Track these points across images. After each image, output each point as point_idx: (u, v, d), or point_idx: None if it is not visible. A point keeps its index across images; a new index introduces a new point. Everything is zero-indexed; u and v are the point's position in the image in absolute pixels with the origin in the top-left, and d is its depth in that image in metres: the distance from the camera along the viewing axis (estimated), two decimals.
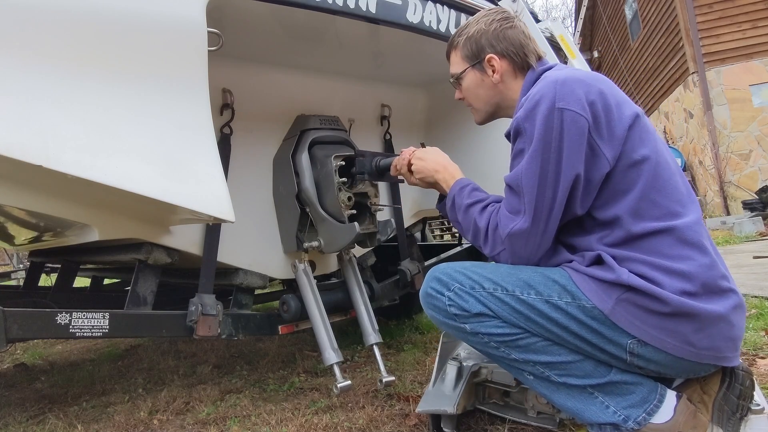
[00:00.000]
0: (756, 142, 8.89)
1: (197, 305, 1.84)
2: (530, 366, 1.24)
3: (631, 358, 1.17)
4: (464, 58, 1.43)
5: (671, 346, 1.13)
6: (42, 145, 1.18)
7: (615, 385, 1.19)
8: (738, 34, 9.01)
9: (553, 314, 1.18)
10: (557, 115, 1.16)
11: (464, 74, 1.44)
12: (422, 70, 2.49)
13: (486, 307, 1.23)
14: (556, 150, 1.16)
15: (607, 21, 13.18)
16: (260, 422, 1.86)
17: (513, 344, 1.23)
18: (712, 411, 1.19)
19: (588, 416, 1.20)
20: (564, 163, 1.16)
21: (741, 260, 4.43)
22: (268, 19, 1.76)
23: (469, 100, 1.49)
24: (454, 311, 1.27)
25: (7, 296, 3.02)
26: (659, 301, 1.13)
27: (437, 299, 1.30)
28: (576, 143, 1.16)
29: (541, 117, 1.18)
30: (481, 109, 1.48)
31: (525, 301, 1.21)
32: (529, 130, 1.20)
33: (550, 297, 1.20)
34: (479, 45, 1.40)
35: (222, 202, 1.41)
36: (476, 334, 1.26)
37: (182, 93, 1.39)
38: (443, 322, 1.32)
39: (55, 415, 2.21)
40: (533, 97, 1.21)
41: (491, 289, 1.24)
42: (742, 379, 1.21)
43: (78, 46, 1.26)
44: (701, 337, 1.14)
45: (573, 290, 1.18)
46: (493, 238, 1.28)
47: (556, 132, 1.16)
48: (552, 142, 1.17)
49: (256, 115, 2.10)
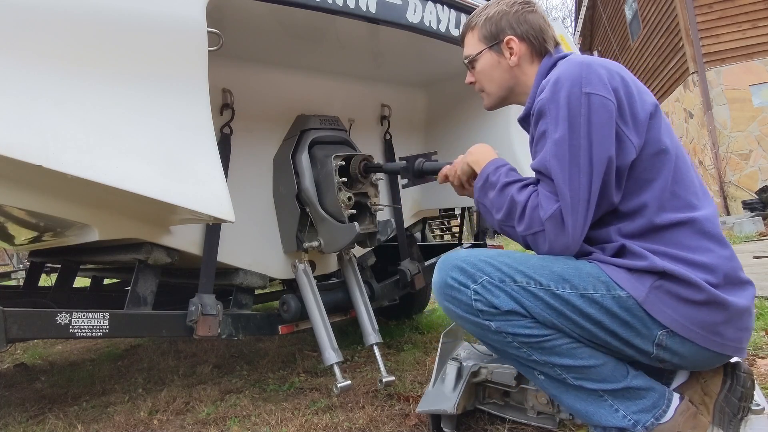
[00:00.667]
0: (756, 142, 8.89)
1: (197, 305, 1.84)
2: (548, 367, 1.20)
3: (657, 350, 1.15)
4: (482, 39, 1.40)
5: (699, 337, 1.13)
6: (42, 145, 1.18)
7: (628, 390, 1.18)
8: (738, 34, 9.01)
9: (588, 309, 1.14)
10: (584, 101, 1.13)
11: (480, 55, 1.40)
12: (422, 70, 2.49)
13: (518, 304, 1.16)
14: (586, 135, 1.12)
15: (607, 21, 13.17)
16: (260, 422, 1.86)
17: (538, 345, 1.18)
18: (713, 412, 1.18)
19: (597, 419, 1.19)
20: (595, 147, 1.12)
21: (741, 260, 4.40)
22: (268, 19, 1.76)
23: (482, 83, 1.44)
24: (480, 307, 1.17)
25: (7, 296, 3.02)
26: (694, 287, 1.11)
27: (460, 292, 1.20)
28: (606, 126, 1.12)
29: (566, 100, 1.14)
30: (494, 94, 1.44)
31: (560, 296, 1.15)
32: (553, 111, 1.16)
33: (586, 290, 1.15)
34: (499, 26, 1.37)
35: (222, 202, 1.41)
36: (500, 332, 1.18)
37: (182, 93, 1.39)
38: (462, 317, 1.22)
39: (55, 415, 2.21)
40: (558, 79, 1.17)
41: (524, 283, 1.16)
42: (743, 380, 1.21)
43: (78, 46, 1.26)
44: (728, 327, 1.14)
45: (606, 280, 1.15)
46: (530, 217, 1.18)
47: (584, 117, 1.12)
48: (580, 128, 1.12)
49: (256, 115, 2.10)
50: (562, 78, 1.17)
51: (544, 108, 1.18)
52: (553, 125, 1.15)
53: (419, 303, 3.57)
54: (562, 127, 1.14)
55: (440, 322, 3.35)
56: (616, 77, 1.18)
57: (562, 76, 1.18)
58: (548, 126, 1.17)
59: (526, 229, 1.19)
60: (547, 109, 1.17)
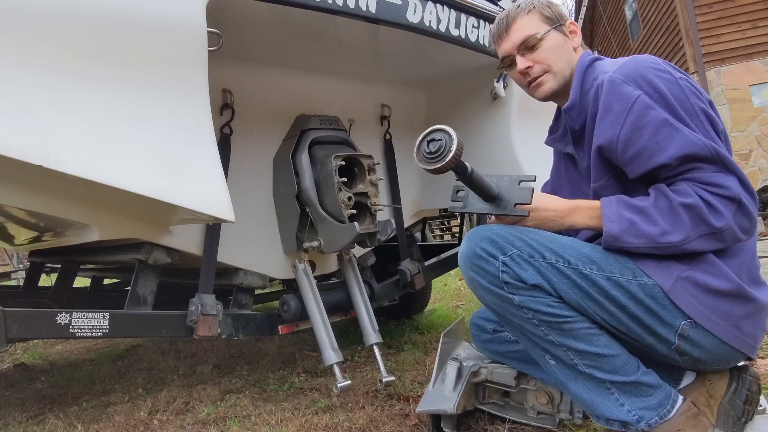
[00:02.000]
0: (756, 142, 8.89)
1: (197, 305, 1.84)
2: (562, 350, 1.19)
3: (679, 341, 1.16)
4: (544, 20, 1.36)
5: (720, 329, 1.14)
6: (42, 145, 1.18)
7: (636, 386, 1.18)
8: (738, 34, 9.02)
9: (614, 291, 1.14)
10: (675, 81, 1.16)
11: (548, 34, 1.34)
12: (422, 70, 2.49)
13: (545, 280, 1.16)
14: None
15: (607, 21, 13.18)
16: (260, 422, 1.86)
17: (557, 326, 1.17)
18: (718, 415, 1.18)
19: (601, 410, 1.19)
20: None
21: None
22: (268, 19, 1.76)
23: (549, 62, 1.35)
24: (506, 279, 1.17)
25: (7, 296, 3.02)
26: (723, 276, 1.13)
27: (488, 262, 1.18)
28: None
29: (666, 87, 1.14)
30: (561, 72, 1.35)
31: (587, 276, 1.15)
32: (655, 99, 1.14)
33: (612, 273, 1.16)
34: (558, 11, 1.38)
35: (222, 202, 1.41)
36: (522, 307, 1.18)
37: (182, 93, 1.39)
38: (486, 288, 1.21)
39: (55, 415, 2.21)
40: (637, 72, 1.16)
41: (553, 260, 1.17)
42: (749, 384, 1.21)
43: (78, 46, 1.26)
44: (748, 323, 1.15)
45: (633, 267, 1.16)
46: (723, 199, 1.10)
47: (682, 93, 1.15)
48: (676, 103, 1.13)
49: (256, 115, 2.10)
50: (640, 69, 1.16)
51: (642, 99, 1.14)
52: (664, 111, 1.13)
53: (419, 303, 3.57)
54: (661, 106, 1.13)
55: (440, 322, 3.35)
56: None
57: (638, 70, 1.16)
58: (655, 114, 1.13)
59: (729, 212, 1.10)
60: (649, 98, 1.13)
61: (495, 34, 1.43)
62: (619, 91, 1.16)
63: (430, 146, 1.14)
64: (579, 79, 1.30)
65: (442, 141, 1.12)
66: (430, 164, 1.12)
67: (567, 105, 1.32)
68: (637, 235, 1.13)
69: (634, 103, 1.13)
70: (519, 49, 1.37)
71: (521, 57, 1.37)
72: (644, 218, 1.13)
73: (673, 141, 1.11)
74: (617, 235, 1.15)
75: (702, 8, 9.09)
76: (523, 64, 1.37)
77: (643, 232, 1.13)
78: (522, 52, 1.37)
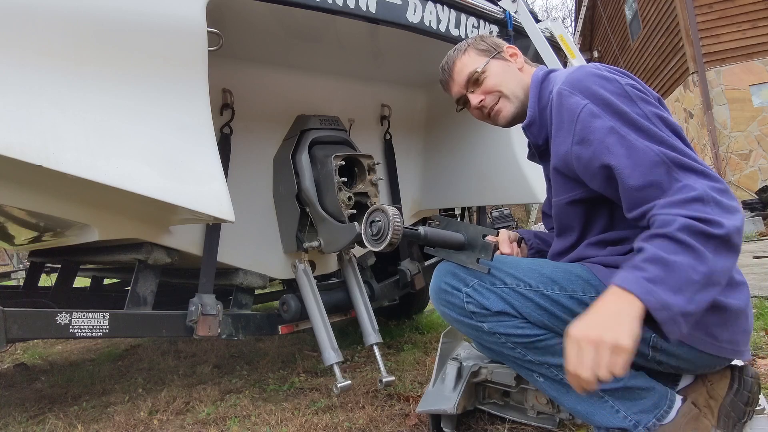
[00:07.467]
0: (756, 142, 8.89)
1: (197, 305, 1.84)
2: (544, 368, 1.21)
3: (653, 353, 1.15)
4: (482, 53, 1.38)
5: (693, 339, 1.12)
6: (42, 145, 1.18)
7: (628, 390, 1.17)
8: (738, 34, 9.01)
9: (578, 309, 1.13)
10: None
11: (488, 65, 1.36)
12: (422, 70, 2.49)
13: (508, 305, 1.18)
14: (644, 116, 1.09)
15: (607, 21, 13.17)
16: (260, 422, 1.86)
17: (531, 345, 1.19)
18: (718, 417, 1.17)
19: (597, 419, 1.19)
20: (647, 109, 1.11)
21: (741, 260, 4.36)
22: (268, 19, 1.76)
23: (500, 88, 1.35)
24: (472, 309, 1.19)
25: (7, 296, 3.02)
26: None
27: (452, 295, 1.22)
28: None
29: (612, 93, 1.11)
30: (514, 94, 1.35)
31: (549, 296, 1.16)
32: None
33: (575, 292, 1.17)
34: (492, 41, 1.40)
35: (222, 202, 1.41)
36: (494, 333, 1.20)
37: (182, 93, 1.40)
38: (457, 320, 1.24)
39: (55, 415, 2.21)
40: (580, 83, 1.15)
41: (513, 285, 1.18)
42: (750, 385, 1.20)
43: (78, 46, 1.26)
44: (723, 330, 1.13)
45: (596, 283, 1.16)
46: (717, 206, 0.98)
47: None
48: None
49: (256, 115, 2.10)
50: (584, 80, 1.15)
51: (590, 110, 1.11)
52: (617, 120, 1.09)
53: (419, 303, 3.57)
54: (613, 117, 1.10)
55: (440, 322, 3.35)
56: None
57: (583, 79, 1.15)
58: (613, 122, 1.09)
59: (724, 230, 0.97)
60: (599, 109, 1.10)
61: (442, 82, 1.45)
62: (568, 103, 1.16)
63: (371, 228, 1.16)
64: (535, 94, 1.31)
65: (381, 222, 1.14)
66: (376, 245, 1.15)
67: (525, 123, 1.33)
68: (676, 291, 0.94)
69: (580, 112, 1.13)
70: (467, 88, 1.39)
71: (472, 94, 1.39)
72: (666, 270, 0.95)
73: (621, 148, 1.07)
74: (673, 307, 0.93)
75: (702, 8, 9.08)
76: (476, 99, 1.38)
77: (681, 284, 0.94)
78: (471, 89, 1.39)
